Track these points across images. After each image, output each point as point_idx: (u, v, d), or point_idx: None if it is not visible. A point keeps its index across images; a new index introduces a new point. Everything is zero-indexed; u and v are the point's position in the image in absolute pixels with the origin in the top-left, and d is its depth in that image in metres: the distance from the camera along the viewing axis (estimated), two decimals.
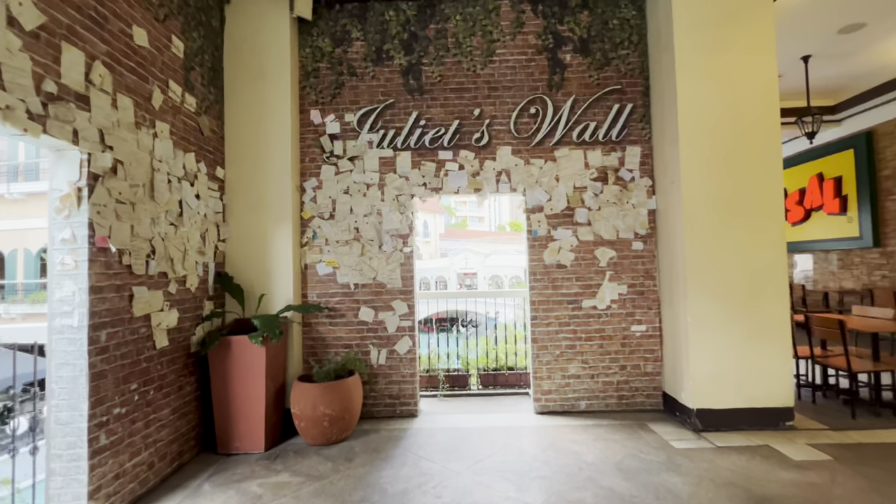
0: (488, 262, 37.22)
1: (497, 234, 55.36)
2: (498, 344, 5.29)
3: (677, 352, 4.01)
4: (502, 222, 71.78)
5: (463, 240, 46.59)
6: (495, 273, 37.04)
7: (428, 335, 6.58)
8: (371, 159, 4.42)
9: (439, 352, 5.19)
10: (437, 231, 47.27)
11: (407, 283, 4.39)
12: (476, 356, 5.24)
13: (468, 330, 7.31)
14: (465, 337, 6.15)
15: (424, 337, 5.21)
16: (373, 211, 4.41)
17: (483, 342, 5.68)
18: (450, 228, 54.32)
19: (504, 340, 5.37)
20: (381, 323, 4.37)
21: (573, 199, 4.38)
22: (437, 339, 5.90)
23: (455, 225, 60.09)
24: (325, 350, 4.36)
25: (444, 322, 26.12)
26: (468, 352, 5.26)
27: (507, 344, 5.27)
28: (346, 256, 4.39)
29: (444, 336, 5.40)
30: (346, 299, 4.38)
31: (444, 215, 52.10)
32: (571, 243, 4.36)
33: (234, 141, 4.20)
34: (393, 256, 4.39)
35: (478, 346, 5.65)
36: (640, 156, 4.40)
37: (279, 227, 4.17)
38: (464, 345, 5.40)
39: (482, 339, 5.48)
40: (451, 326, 16.68)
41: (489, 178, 4.41)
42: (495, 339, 5.29)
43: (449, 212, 58.49)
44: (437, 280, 38.27)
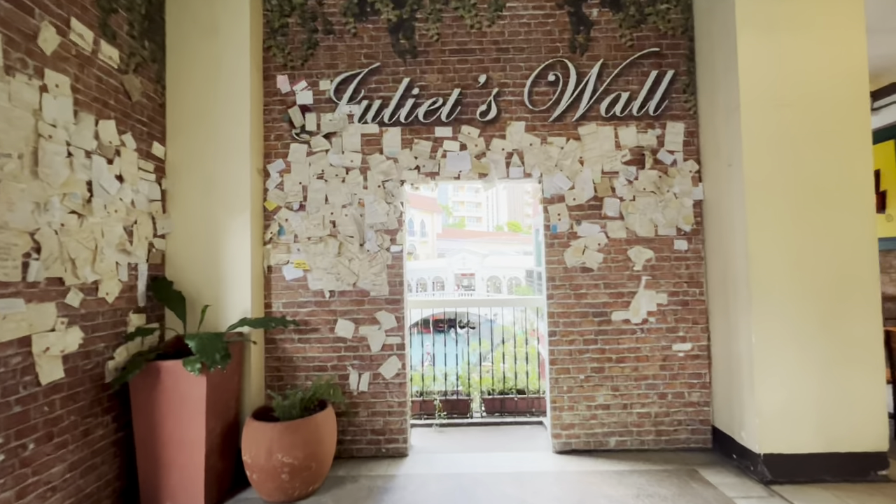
0: (486, 263, 36.41)
1: (495, 235, 54.62)
2: (506, 362, 4.44)
3: (735, 379, 3.17)
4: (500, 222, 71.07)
5: (460, 240, 45.83)
6: (493, 274, 36.23)
7: (422, 336, 5.71)
8: (352, 137, 3.57)
9: (435, 372, 4.34)
10: (435, 231, 46.45)
11: (395, 290, 3.54)
12: (479, 376, 4.39)
13: (468, 332, 6.45)
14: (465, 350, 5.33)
15: (420, 339, 4.33)
16: (353, 201, 3.56)
17: (486, 354, 4.98)
18: (447, 228, 53.55)
19: (513, 357, 4.52)
20: (362, 339, 3.52)
21: (601, 187, 3.55)
22: (432, 356, 5.10)
23: (452, 225, 59.33)
24: (292, 374, 3.51)
25: (441, 323, 25.63)
26: (469, 370, 4.40)
27: (515, 362, 4.42)
28: (319, 257, 3.54)
29: (442, 341, 4.55)
30: (319, 310, 3.53)
31: (441, 215, 51.36)
32: (599, 241, 3.53)
33: (179, 111, 3.34)
34: (378, 257, 3.54)
35: (480, 365, 4.83)
36: (684, 133, 3.57)
37: (235, 219, 3.31)
38: (464, 364, 4.55)
39: (486, 365, 4.62)
40: (448, 328, 15.92)
41: (497, 161, 3.56)
42: (502, 357, 4.44)
43: (446, 211, 57.73)
44: (434, 280, 37.44)
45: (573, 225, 3.54)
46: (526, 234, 52.43)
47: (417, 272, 37.19)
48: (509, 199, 79.03)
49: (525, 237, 50.00)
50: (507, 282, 35.58)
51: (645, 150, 3.55)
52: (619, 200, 3.54)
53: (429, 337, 11.54)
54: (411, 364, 4.17)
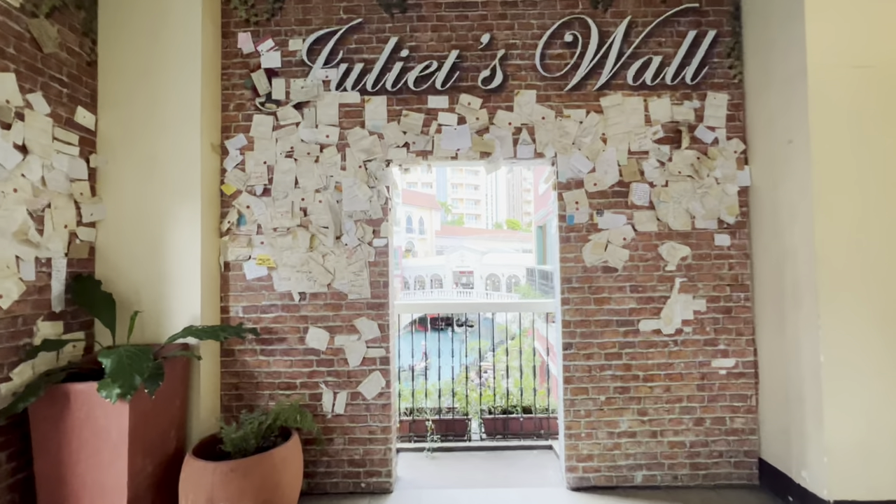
0: (485, 261, 35.84)
1: (494, 232, 54.09)
2: (509, 377, 3.83)
3: (795, 406, 2.58)
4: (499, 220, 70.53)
5: (459, 237, 45.27)
6: (492, 272, 35.66)
7: (420, 334, 5.08)
8: (327, 107, 2.96)
9: (427, 386, 3.74)
10: (433, 228, 45.89)
11: (378, 292, 2.94)
12: (479, 383, 3.79)
13: (466, 331, 5.86)
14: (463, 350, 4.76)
15: (412, 338, 3.72)
16: (329, 184, 2.95)
17: (484, 353, 4.48)
18: (446, 226, 53.00)
19: (518, 369, 3.92)
20: (338, 352, 2.92)
21: (627, 170, 2.94)
22: (427, 354, 4.54)
23: (451, 222, 58.79)
24: (254, 393, 2.91)
25: (439, 321, 25.24)
26: (467, 386, 3.80)
27: (521, 375, 3.82)
28: (287, 252, 2.93)
29: (439, 339, 3.95)
30: (287, 316, 2.93)
31: (440, 212, 50.82)
32: (624, 235, 2.93)
33: (115, 72, 2.73)
34: (358, 252, 2.93)
35: (481, 363, 4.26)
36: (728, 106, 2.97)
37: (183, 205, 2.71)
38: (462, 373, 3.94)
39: (486, 369, 4.01)
40: (445, 326, 15.54)
41: (503, 138, 2.96)
42: (506, 369, 3.83)
43: (445, 209, 57.18)
44: (433, 278, 36.86)
45: (593, 215, 2.94)
46: (525, 232, 51.89)
47: (416, 270, 36.67)
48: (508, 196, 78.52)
49: (524, 235, 49.47)
50: (505, 280, 35.07)
51: (681, 126, 2.95)
52: (650, 186, 2.94)
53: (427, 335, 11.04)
54: (398, 378, 3.58)
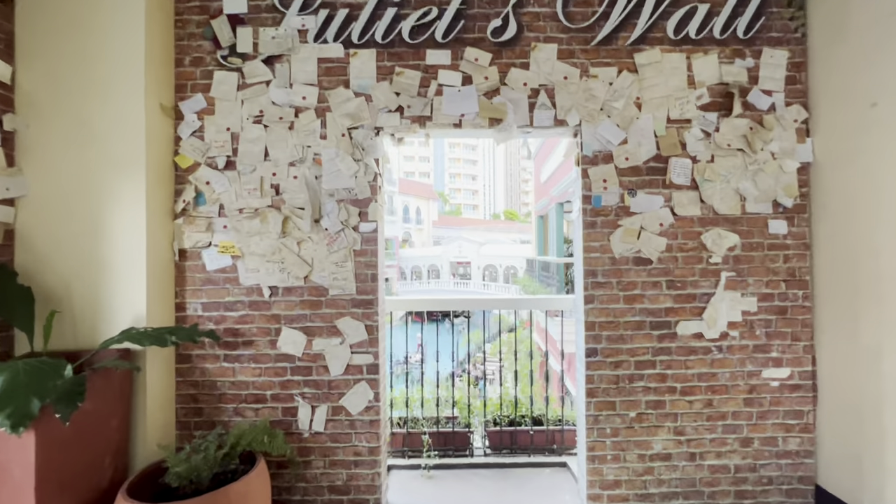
0: (483, 252, 35.39)
1: (492, 223, 53.64)
2: (518, 384, 3.36)
3: (870, 426, 2.12)
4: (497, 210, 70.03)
5: (457, 228, 44.80)
6: (490, 262, 35.23)
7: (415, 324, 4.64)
8: (304, 62, 2.44)
9: (424, 393, 3.26)
10: (431, 218, 45.39)
11: (366, 287, 2.45)
12: (483, 400, 3.32)
13: (463, 322, 5.38)
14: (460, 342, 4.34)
15: (404, 329, 3.26)
16: (306, 156, 2.44)
17: (481, 345, 4.06)
18: (443, 216, 52.48)
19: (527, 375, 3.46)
20: (317, 358, 2.44)
21: (666, 142, 2.45)
22: (423, 346, 4.10)
23: (449, 212, 58.28)
24: (216, 408, 2.43)
25: (436, 312, 24.99)
26: (469, 393, 3.32)
27: (531, 382, 3.35)
28: (256, 238, 2.43)
29: (436, 331, 3.48)
30: (255, 315, 2.44)
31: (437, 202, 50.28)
32: (661, 220, 2.44)
33: (38, 14, 2.19)
34: (341, 238, 2.44)
35: (483, 357, 3.79)
36: (788, 66, 2.46)
37: (124, 180, 2.20)
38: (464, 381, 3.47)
39: (493, 386, 3.54)
40: (442, 317, 15.17)
41: (517, 101, 2.45)
42: (515, 376, 3.35)
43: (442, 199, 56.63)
44: (430, 269, 36.42)
45: (625, 196, 2.45)
46: (523, 223, 51.44)
47: (413, 260, 36.25)
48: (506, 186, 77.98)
49: (522, 225, 49.04)
50: (503, 271, 34.70)
51: (731, 89, 2.44)
52: (692, 161, 2.44)
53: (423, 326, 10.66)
54: (390, 382, 3.11)
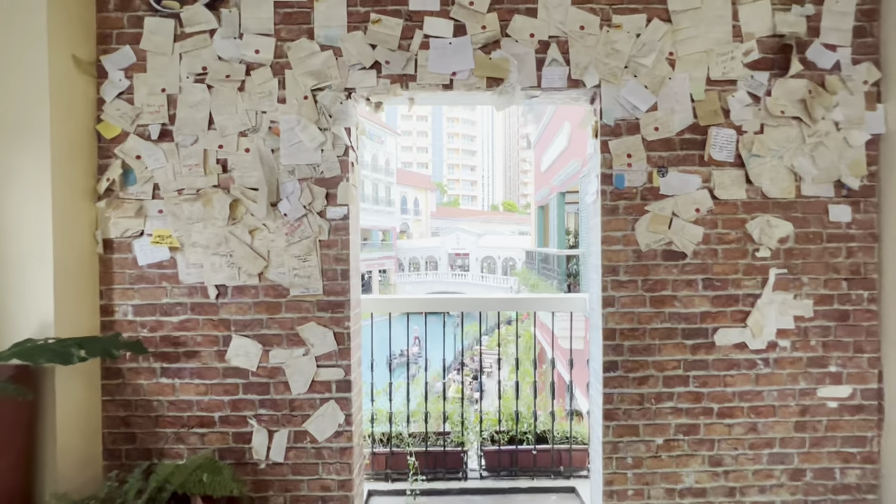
0: (481, 243, 34.95)
1: (490, 214, 53.18)
2: (518, 396, 2.89)
3: None
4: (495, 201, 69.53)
5: (455, 219, 44.31)
6: (488, 254, 34.79)
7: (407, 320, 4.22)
8: (257, 7, 1.96)
9: (410, 406, 2.81)
10: (429, 209, 44.87)
11: (336, 287, 1.99)
12: (479, 411, 2.88)
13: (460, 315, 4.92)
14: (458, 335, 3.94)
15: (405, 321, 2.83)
16: (260, 125, 1.97)
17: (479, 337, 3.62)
18: (441, 207, 51.95)
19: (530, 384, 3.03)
20: (275, 372, 1.99)
21: (706, 109, 1.98)
22: (421, 340, 3.66)
23: (447, 203, 57.75)
24: (152, 433, 1.98)
25: None
26: (463, 406, 2.88)
27: (535, 393, 2.90)
28: (199, 226, 1.97)
29: (433, 323, 3.05)
30: (199, 319, 1.99)
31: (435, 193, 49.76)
32: (698, 205, 1.99)
33: None
34: (304, 226, 1.98)
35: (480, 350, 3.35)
36: (857, 14, 1.99)
37: (21, 152, 1.73)
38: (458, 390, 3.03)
39: (489, 399, 3.08)
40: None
41: (522, 56, 1.97)
42: (516, 388, 2.90)
43: (441, 189, 56.09)
44: (427, 260, 35.97)
45: (653, 175, 1.99)
46: (522, 214, 50.98)
47: (410, 251, 35.85)
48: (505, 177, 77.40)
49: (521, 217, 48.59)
50: (501, 262, 34.35)
51: (787, 41, 1.98)
52: (737, 132, 1.98)
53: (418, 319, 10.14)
54: (371, 398, 2.68)
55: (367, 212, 30.65)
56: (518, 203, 65.67)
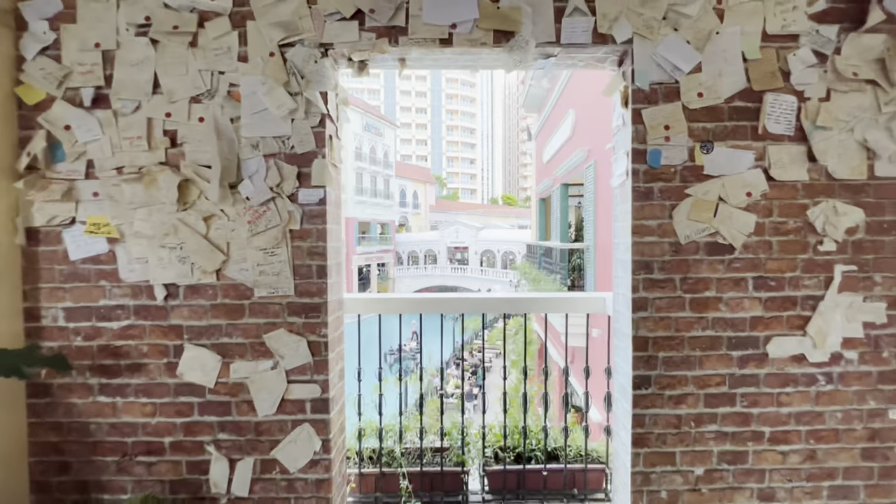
0: (481, 236, 34.62)
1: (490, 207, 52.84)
2: (525, 409, 2.55)
3: None
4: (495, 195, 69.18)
5: (454, 212, 43.97)
6: (487, 248, 34.47)
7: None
8: None
9: (402, 420, 2.47)
10: (428, 203, 44.50)
11: (311, 286, 1.65)
12: (483, 425, 2.53)
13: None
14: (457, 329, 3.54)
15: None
16: (217, 88, 1.61)
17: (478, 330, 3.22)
18: (440, 200, 51.56)
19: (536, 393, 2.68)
20: (237, 389, 1.65)
21: (760, 70, 1.62)
22: (418, 335, 3.30)
23: (446, 197, 57.36)
24: (88, 462, 1.65)
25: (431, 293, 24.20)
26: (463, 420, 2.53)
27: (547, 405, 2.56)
28: (142, 212, 1.61)
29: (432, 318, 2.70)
30: (145, 325, 1.64)
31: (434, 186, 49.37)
32: (750, 188, 1.63)
33: None
34: (271, 213, 1.62)
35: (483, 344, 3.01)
36: None
37: None
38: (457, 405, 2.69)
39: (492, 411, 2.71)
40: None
41: (537, 4, 1.60)
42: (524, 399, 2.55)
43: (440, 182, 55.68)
44: (427, 253, 35.64)
45: (696, 151, 1.64)
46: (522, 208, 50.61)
47: (409, 244, 35.58)
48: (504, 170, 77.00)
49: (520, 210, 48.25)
50: (501, 256, 34.09)
51: None
52: (798, 99, 1.63)
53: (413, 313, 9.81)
54: (358, 413, 2.34)
55: (365, 205, 30.28)
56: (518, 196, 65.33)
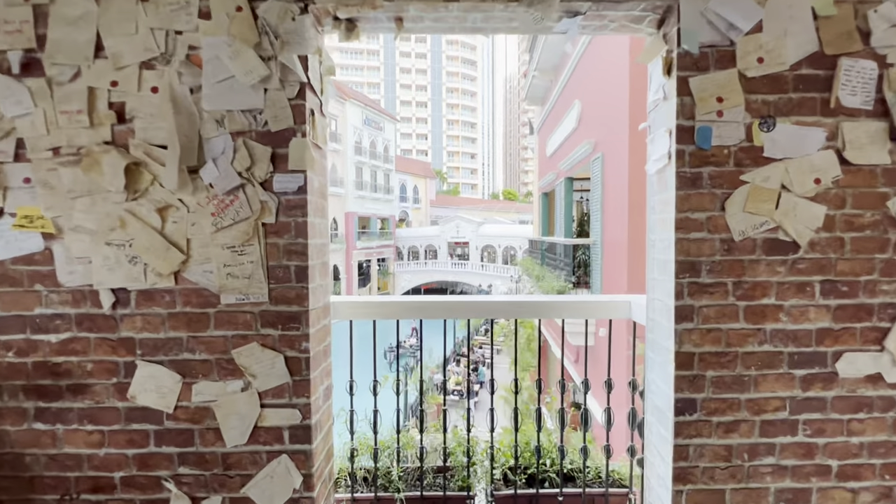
0: (481, 232, 34.31)
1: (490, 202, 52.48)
2: (540, 425, 2.27)
3: None
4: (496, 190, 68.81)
5: (454, 207, 43.66)
6: (488, 243, 34.16)
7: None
8: None
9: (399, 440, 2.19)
10: (428, 197, 44.18)
11: (288, 291, 1.37)
12: (492, 445, 2.25)
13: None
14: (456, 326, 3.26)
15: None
16: (172, 51, 1.32)
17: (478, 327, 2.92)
18: (441, 195, 51.24)
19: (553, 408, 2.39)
20: (201, 415, 1.38)
21: (834, 30, 1.33)
22: (418, 331, 3.03)
23: (446, 191, 57.03)
24: (24, 501, 1.38)
25: (433, 293, 24.44)
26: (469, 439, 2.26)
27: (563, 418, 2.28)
28: (83, 202, 1.33)
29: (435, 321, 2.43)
30: (90, 338, 1.36)
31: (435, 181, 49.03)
32: (820, 172, 1.35)
33: None
34: (240, 204, 1.34)
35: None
36: None
37: None
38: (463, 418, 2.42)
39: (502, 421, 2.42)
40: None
41: None
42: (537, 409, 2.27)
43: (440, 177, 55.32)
44: (427, 248, 35.35)
45: (754, 129, 1.35)
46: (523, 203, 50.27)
47: (409, 239, 35.34)
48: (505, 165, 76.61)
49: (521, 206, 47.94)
50: (502, 252, 33.85)
51: None
52: (879, 66, 1.34)
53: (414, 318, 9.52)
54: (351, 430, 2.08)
55: (365, 199, 29.94)
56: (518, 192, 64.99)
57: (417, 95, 62.33)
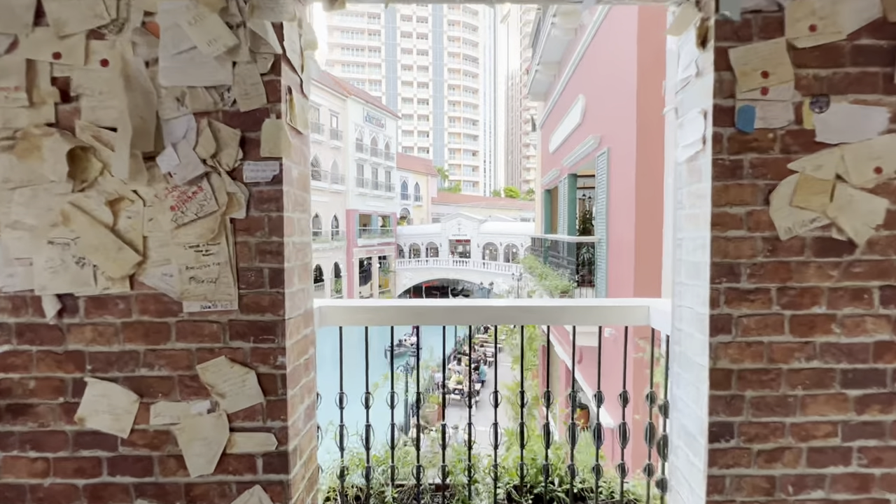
0: (483, 229, 34.11)
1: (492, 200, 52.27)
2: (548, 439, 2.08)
3: None
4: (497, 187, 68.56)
5: (456, 205, 43.45)
6: (490, 241, 33.96)
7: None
8: None
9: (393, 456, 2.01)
10: (430, 195, 43.98)
11: (262, 298, 1.18)
12: (494, 457, 2.07)
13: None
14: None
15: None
16: (124, 17, 1.13)
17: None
18: (442, 192, 51.01)
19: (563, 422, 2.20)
20: (160, 440, 1.19)
21: None
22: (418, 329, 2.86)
23: (448, 189, 56.81)
24: None
25: (435, 290, 24.33)
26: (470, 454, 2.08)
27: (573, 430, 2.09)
28: (21, 194, 1.15)
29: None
30: (30, 353, 1.18)
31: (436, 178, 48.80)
32: (881, 159, 1.15)
33: None
34: (204, 196, 1.15)
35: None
36: None
37: None
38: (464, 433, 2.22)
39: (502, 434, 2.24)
40: (440, 296, 14.48)
41: None
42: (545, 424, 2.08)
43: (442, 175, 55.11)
44: (428, 246, 35.16)
45: (804, 109, 1.16)
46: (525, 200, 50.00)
47: (410, 237, 35.20)
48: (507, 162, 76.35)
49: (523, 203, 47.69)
50: (503, 249, 33.68)
51: None
52: None
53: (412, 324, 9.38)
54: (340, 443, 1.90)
55: (366, 197, 29.76)
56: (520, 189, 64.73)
57: (419, 92, 62.06)
